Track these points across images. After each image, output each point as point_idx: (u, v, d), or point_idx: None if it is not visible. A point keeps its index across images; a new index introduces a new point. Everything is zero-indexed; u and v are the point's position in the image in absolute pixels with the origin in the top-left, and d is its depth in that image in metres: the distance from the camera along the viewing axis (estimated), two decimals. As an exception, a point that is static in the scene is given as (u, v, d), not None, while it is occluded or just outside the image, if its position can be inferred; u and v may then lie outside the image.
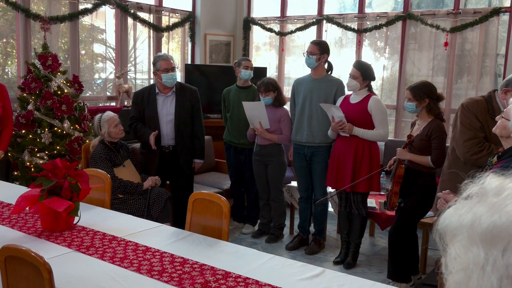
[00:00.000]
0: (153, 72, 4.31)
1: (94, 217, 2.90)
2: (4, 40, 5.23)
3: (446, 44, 5.59)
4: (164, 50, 6.35)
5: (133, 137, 4.49)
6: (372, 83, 4.12)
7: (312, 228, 4.64)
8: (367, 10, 6.27)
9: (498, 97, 3.06)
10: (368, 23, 6.16)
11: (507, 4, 5.33)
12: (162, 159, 4.27)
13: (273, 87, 4.53)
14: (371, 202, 4.35)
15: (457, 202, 0.64)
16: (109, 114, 4.08)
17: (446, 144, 3.59)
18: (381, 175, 4.35)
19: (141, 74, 6.34)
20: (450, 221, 0.63)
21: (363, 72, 3.98)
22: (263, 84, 4.52)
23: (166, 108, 4.26)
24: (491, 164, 2.58)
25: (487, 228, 0.59)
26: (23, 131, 4.43)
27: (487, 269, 0.58)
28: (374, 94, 4.09)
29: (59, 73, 4.63)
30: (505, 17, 5.35)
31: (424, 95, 3.59)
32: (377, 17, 6.06)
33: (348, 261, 4.20)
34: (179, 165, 4.30)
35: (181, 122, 4.25)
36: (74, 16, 5.34)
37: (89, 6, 5.47)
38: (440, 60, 5.76)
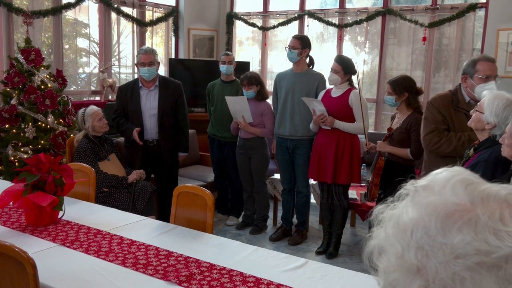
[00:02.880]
0: (135, 64, 4.28)
1: (79, 211, 2.86)
2: (-13, 34, 5.10)
3: (424, 39, 5.63)
4: (148, 45, 6.27)
5: (116, 131, 4.43)
6: (353, 77, 4.12)
7: (295, 220, 4.65)
8: (348, 5, 6.28)
9: (463, 89, 3.07)
10: (348, 18, 6.16)
11: (483, 0, 5.38)
12: (146, 153, 4.23)
13: (256, 81, 4.51)
14: (352, 193, 4.37)
15: (372, 231, 0.76)
16: (92, 108, 4.02)
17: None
18: (362, 167, 4.37)
19: (125, 69, 6.26)
20: (372, 245, 0.74)
21: (344, 67, 3.98)
22: (246, 78, 4.50)
23: (150, 102, 4.21)
24: (467, 156, 2.61)
25: (393, 227, 0.71)
26: (7, 126, 4.34)
27: (404, 254, 0.67)
28: (355, 88, 4.09)
29: (42, 68, 4.54)
30: (480, 13, 5.41)
31: (404, 89, 3.61)
32: (358, 13, 6.07)
33: (330, 251, 4.23)
34: (163, 159, 4.26)
35: (165, 116, 4.21)
36: (57, 10, 5.24)
37: (72, 0, 5.37)
38: (419, 54, 5.80)
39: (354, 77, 4.10)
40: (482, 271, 0.62)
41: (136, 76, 5.77)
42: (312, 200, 4.65)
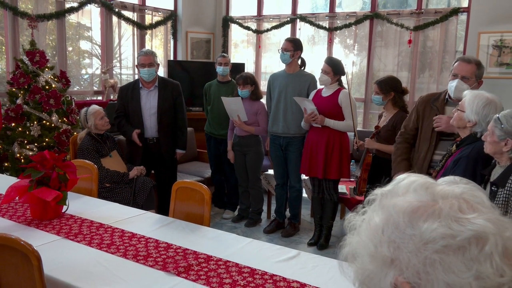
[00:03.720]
0: (136, 66, 4.26)
1: (82, 205, 2.84)
2: (-6, 37, 5.07)
3: (409, 41, 5.63)
4: (148, 47, 6.24)
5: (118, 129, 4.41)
6: (342, 77, 4.12)
7: (287, 213, 4.64)
8: (338, 9, 6.26)
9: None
10: (338, 22, 6.15)
11: (465, 5, 5.39)
12: (147, 150, 4.21)
13: (251, 81, 4.51)
14: (342, 188, 4.37)
15: (344, 240, 0.79)
16: (94, 107, 3.99)
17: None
18: (351, 163, 4.37)
19: (126, 70, 6.22)
20: (346, 252, 0.78)
21: (334, 68, 3.98)
22: (242, 78, 4.50)
23: (150, 102, 4.19)
24: (450, 152, 2.61)
25: (366, 229, 0.75)
26: (13, 124, 4.31)
27: (377, 249, 0.71)
28: (344, 88, 4.09)
29: (46, 69, 4.51)
30: (463, 17, 5.41)
31: (390, 89, 3.61)
32: (347, 16, 6.06)
33: (321, 242, 4.23)
34: (162, 156, 4.25)
35: (164, 115, 4.19)
36: (60, 14, 5.20)
37: (75, 4, 5.33)
38: (404, 56, 5.80)
39: (343, 78, 4.10)
40: (450, 253, 0.65)
41: (136, 77, 5.75)
42: (304, 195, 4.65)
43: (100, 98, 5.80)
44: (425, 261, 0.66)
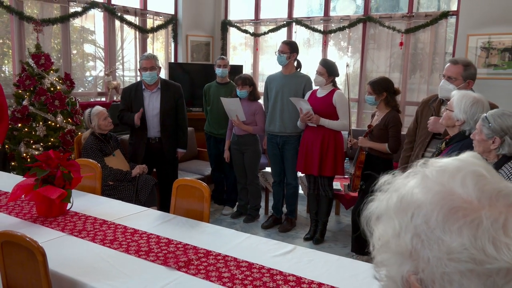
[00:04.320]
0: (138, 70, 4.25)
1: (86, 203, 2.83)
2: (1, 40, 5.04)
3: (401, 44, 5.62)
4: (149, 50, 6.23)
5: (121, 129, 4.40)
6: (336, 78, 4.11)
7: (284, 209, 4.64)
8: (332, 13, 6.25)
9: None
10: (332, 25, 6.14)
11: (454, 8, 5.39)
12: (149, 149, 4.20)
13: (249, 82, 4.50)
14: (336, 184, 4.36)
15: (376, 195, 0.70)
16: (98, 108, 3.98)
17: (402, 133, 3.63)
18: (345, 161, 4.37)
19: (128, 72, 6.21)
20: (371, 210, 0.69)
21: (328, 69, 3.97)
22: (241, 79, 4.50)
23: (152, 103, 4.18)
24: (439, 150, 2.61)
25: (396, 202, 0.64)
26: (19, 125, 4.30)
27: (401, 234, 0.62)
28: (338, 89, 4.08)
29: (51, 71, 4.49)
30: (452, 20, 5.41)
31: (383, 89, 3.60)
32: (341, 20, 6.06)
33: (316, 237, 4.23)
34: (164, 155, 4.24)
35: (166, 116, 4.18)
36: (65, 18, 5.18)
37: (79, 9, 5.32)
38: (396, 58, 5.80)
39: (337, 79, 4.10)
40: (472, 277, 0.57)
41: (138, 78, 5.73)
42: (300, 191, 4.65)
43: (103, 99, 5.79)
44: (443, 275, 0.58)
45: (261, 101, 4.68)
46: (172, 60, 6.66)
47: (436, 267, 0.59)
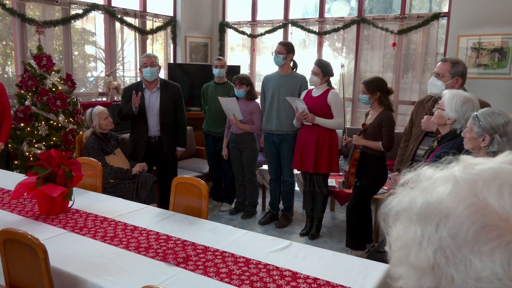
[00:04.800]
0: (139, 69, 4.22)
1: (87, 200, 2.82)
2: (4, 42, 5.01)
3: (394, 44, 5.62)
4: (149, 51, 6.20)
5: (122, 128, 4.37)
6: (331, 78, 4.10)
7: (281, 205, 4.63)
8: (327, 15, 6.24)
9: None
10: (327, 26, 6.13)
11: (446, 10, 5.38)
12: (149, 148, 4.19)
13: (247, 81, 4.49)
14: (332, 181, 4.36)
15: (397, 188, 0.61)
16: (99, 108, 3.96)
17: (395, 131, 3.62)
18: (340, 158, 4.37)
19: (128, 72, 6.18)
20: (391, 205, 0.60)
21: (323, 69, 3.96)
22: (238, 79, 4.48)
23: (152, 103, 4.16)
24: (432, 148, 2.61)
25: (420, 207, 0.56)
26: (22, 124, 4.27)
27: (423, 244, 0.54)
28: (333, 88, 4.08)
29: (53, 72, 4.47)
30: (443, 21, 5.40)
31: (376, 89, 3.60)
32: (335, 21, 6.04)
33: (312, 233, 4.22)
34: (163, 153, 4.22)
35: (165, 115, 4.17)
36: (66, 20, 5.15)
37: (80, 11, 5.29)
38: (389, 58, 5.79)
39: (332, 79, 4.09)
40: None
41: (138, 78, 5.71)
42: (296, 188, 4.64)
43: (104, 99, 5.76)
44: None
45: (258, 100, 4.67)
46: (171, 61, 6.63)
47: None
